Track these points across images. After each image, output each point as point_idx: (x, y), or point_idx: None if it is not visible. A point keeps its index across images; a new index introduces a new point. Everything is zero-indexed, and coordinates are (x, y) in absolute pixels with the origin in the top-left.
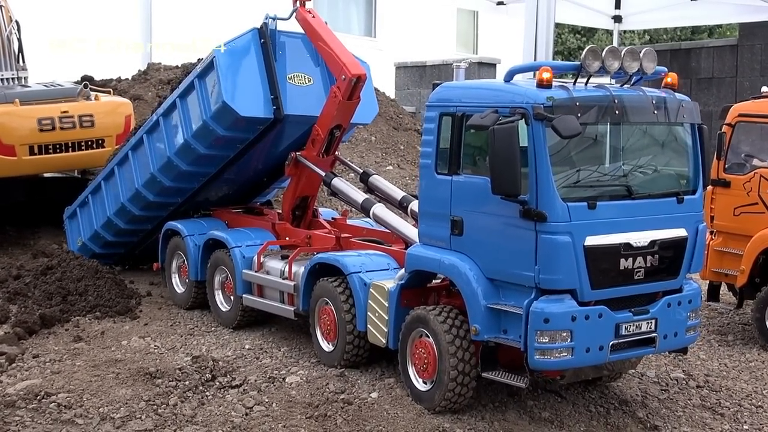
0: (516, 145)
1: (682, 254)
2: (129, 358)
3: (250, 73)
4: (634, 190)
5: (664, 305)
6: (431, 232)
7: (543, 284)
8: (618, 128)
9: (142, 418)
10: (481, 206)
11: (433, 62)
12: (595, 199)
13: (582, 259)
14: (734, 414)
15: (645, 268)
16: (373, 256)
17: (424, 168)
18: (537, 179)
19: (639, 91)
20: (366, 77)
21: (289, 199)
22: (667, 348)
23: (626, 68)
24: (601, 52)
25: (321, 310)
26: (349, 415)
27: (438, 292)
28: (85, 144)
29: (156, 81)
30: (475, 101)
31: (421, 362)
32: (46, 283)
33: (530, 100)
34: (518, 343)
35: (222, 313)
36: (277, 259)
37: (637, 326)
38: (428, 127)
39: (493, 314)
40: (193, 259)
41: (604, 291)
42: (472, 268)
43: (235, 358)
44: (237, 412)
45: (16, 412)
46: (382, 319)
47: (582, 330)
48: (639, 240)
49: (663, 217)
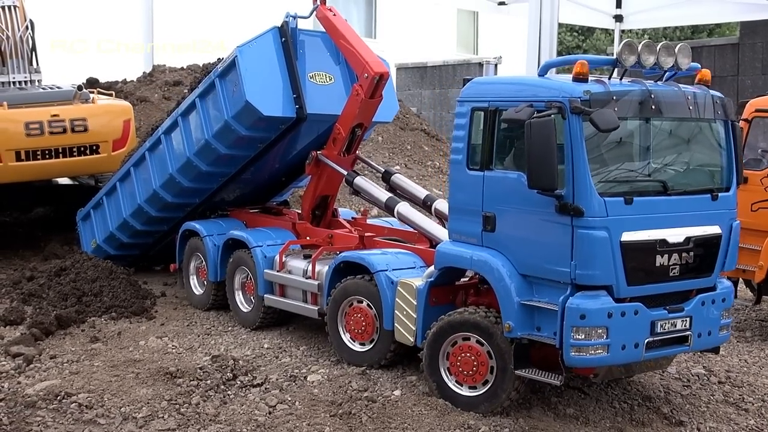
0: (553, 139)
1: (717, 252)
2: (148, 358)
3: (271, 72)
4: (670, 186)
5: (698, 303)
6: (462, 228)
7: (579, 280)
8: (653, 123)
9: (164, 418)
10: (515, 202)
11: (434, 63)
12: (631, 195)
13: (618, 255)
14: (758, 409)
15: (680, 265)
16: (398, 255)
17: (454, 163)
18: (574, 173)
19: (674, 87)
20: (389, 75)
21: (309, 198)
22: (700, 347)
23: (661, 63)
24: (637, 47)
25: (350, 309)
26: (373, 413)
27: (466, 291)
28: (78, 150)
29: (161, 83)
30: (508, 96)
31: (468, 368)
32: (61, 284)
33: (567, 93)
34: (553, 339)
35: (243, 314)
36: (300, 259)
37: (672, 324)
38: (459, 122)
39: (526, 311)
40: (212, 260)
41: (639, 288)
42: (505, 264)
43: (255, 357)
44: (260, 410)
45: (38, 413)
46: (410, 317)
47: (618, 327)
48: (674, 236)
49: (698, 213)
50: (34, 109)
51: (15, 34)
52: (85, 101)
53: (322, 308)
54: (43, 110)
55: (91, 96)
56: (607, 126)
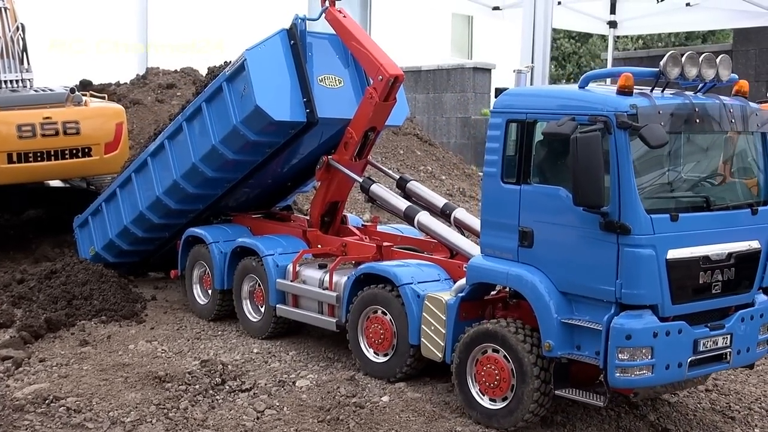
0: (600, 155)
1: (756, 267)
2: (137, 362)
3: (281, 76)
4: (712, 201)
5: (738, 320)
6: (496, 243)
7: (625, 299)
8: (697, 137)
9: (152, 422)
10: (555, 217)
11: (428, 67)
12: (676, 211)
13: (664, 273)
14: (744, 417)
15: (722, 282)
16: (422, 267)
17: (488, 176)
18: (620, 190)
19: (715, 99)
20: (403, 78)
21: (318, 204)
22: (739, 364)
23: (703, 75)
24: (681, 59)
25: (369, 320)
26: (361, 419)
27: (494, 305)
28: (70, 152)
29: (155, 85)
30: (549, 108)
31: (491, 380)
32: (51, 287)
33: (612, 107)
34: (594, 359)
35: (251, 324)
36: (314, 269)
37: (714, 342)
38: (493, 134)
39: (566, 329)
40: (218, 268)
41: (683, 306)
42: (543, 281)
43: (244, 362)
44: (248, 415)
45: (26, 416)
46: (438, 332)
47: (663, 346)
48: (717, 253)
49: (739, 228)
50: (27, 111)
51: (6, 34)
52: (78, 104)
53: (341, 320)
54: (35, 112)
55: (84, 98)
56: (657, 142)
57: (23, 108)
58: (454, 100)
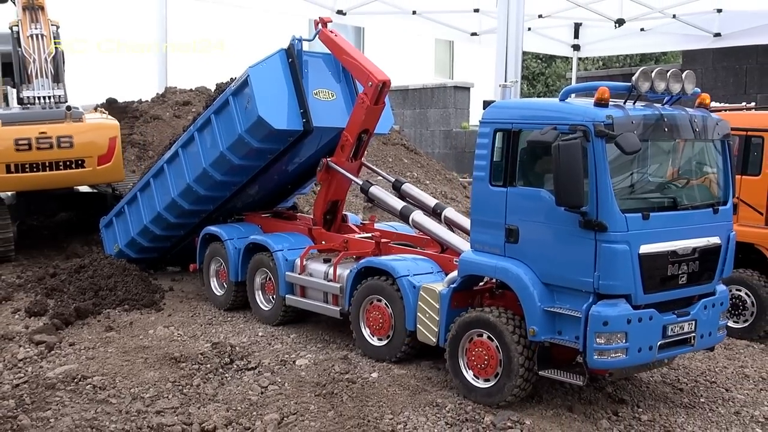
0: (580, 160)
1: (717, 260)
2: (155, 345)
3: (280, 90)
4: (678, 201)
5: (701, 307)
6: (484, 239)
7: (602, 289)
8: (665, 144)
9: (169, 397)
10: (538, 216)
11: (415, 86)
12: (648, 210)
13: (637, 266)
14: (692, 389)
15: (687, 274)
16: (417, 261)
17: (477, 179)
18: (598, 192)
19: (681, 110)
20: (390, 83)
21: (320, 204)
22: (702, 347)
23: (670, 89)
24: (651, 75)
25: (369, 308)
26: (353, 393)
27: (482, 295)
28: (63, 164)
29: (172, 102)
30: (532, 119)
31: (481, 361)
32: (80, 280)
33: (591, 118)
34: (574, 343)
35: (263, 312)
36: (320, 263)
37: (681, 327)
38: (482, 141)
39: (548, 316)
40: (233, 262)
41: (654, 295)
42: (528, 273)
43: (250, 344)
44: (253, 391)
45: (57, 393)
46: (432, 319)
47: (636, 331)
48: (683, 248)
49: (702, 226)
50: (25, 126)
51: (41, 57)
52: (77, 120)
53: (344, 309)
54: (32, 128)
55: (83, 114)
56: (631, 149)
57: (24, 124)
58: (437, 115)
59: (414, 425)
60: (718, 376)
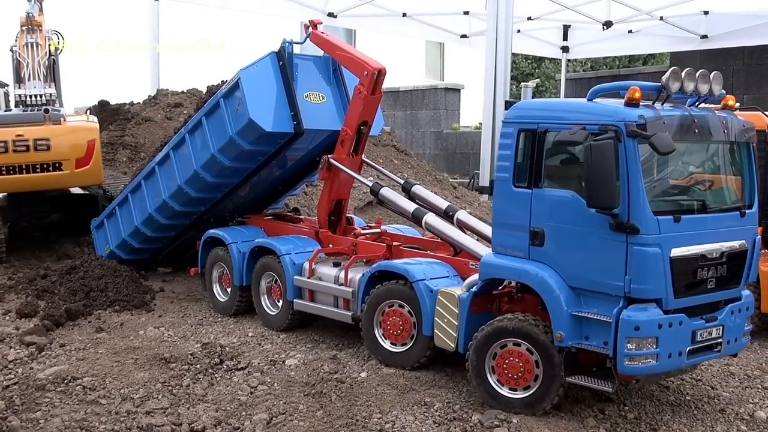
0: (613, 161)
1: (744, 264)
2: (146, 346)
3: (271, 92)
4: (707, 204)
5: (728, 312)
6: (507, 242)
7: (633, 293)
8: (694, 146)
9: (158, 398)
10: (566, 218)
11: (406, 87)
12: (678, 213)
13: (668, 270)
14: (677, 387)
15: (716, 278)
16: (433, 264)
17: (500, 181)
18: (630, 193)
19: (710, 112)
20: (386, 71)
21: (324, 204)
22: (728, 352)
23: (699, 90)
24: (681, 75)
25: (388, 311)
26: (342, 392)
27: (500, 299)
28: (41, 167)
29: (164, 104)
30: (560, 119)
31: (515, 371)
32: (71, 281)
33: (622, 118)
34: (603, 349)
35: (269, 316)
36: (329, 266)
37: (709, 332)
38: (505, 142)
39: (575, 321)
40: (237, 266)
41: (684, 300)
42: (554, 276)
43: (240, 344)
44: (243, 391)
45: (46, 395)
46: (451, 324)
47: (666, 337)
48: (712, 251)
49: (730, 229)
50: (2, 129)
51: (34, 61)
52: (56, 122)
53: (356, 314)
54: (9, 130)
55: (63, 117)
56: (665, 149)
57: (2, 126)
58: (428, 116)
59: (402, 424)
60: (703, 374)
